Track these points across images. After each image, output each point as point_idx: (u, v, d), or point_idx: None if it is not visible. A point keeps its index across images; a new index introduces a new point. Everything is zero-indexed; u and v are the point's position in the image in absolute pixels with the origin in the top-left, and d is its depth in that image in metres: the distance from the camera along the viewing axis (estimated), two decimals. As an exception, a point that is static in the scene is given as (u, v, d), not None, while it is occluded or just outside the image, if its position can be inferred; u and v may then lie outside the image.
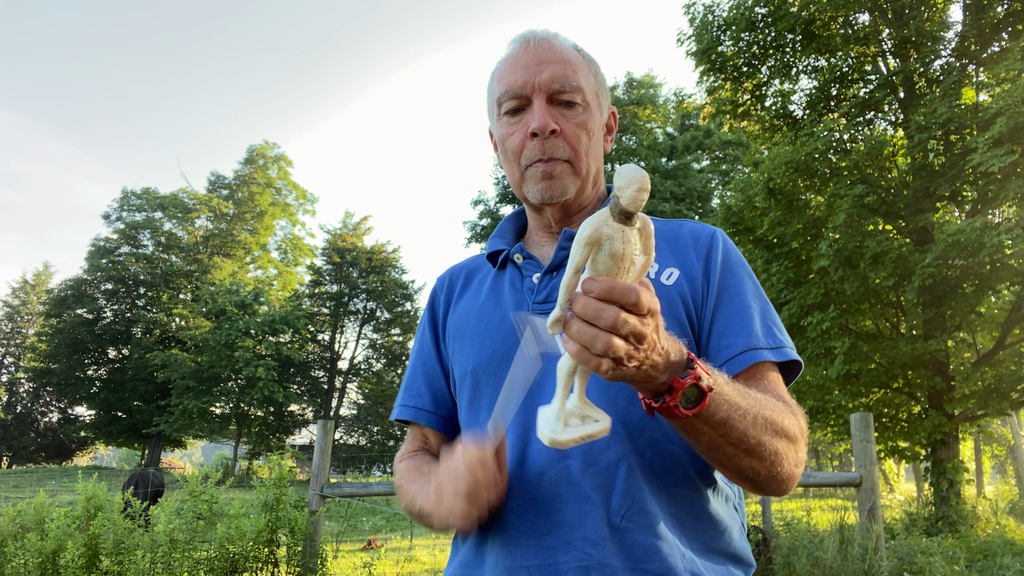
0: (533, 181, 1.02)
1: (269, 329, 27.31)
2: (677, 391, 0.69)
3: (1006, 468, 31.42)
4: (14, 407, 33.92)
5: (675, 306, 0.93)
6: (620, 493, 0.84)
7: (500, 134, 1.06)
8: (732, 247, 1.02)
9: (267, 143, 36.01)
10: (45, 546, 4.20)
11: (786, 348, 0.92)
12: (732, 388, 0.76)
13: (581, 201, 1.06)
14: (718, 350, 0.91)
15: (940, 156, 10.37)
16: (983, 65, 10.16)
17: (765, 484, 0.82)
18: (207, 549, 4.36)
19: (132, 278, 31.83)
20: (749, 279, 0.98)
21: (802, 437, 0.85)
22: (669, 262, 0.98)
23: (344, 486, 4.98)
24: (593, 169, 1.05)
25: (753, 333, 0.91)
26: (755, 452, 0.78)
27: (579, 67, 1.03)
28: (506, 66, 1.04)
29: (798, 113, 12.30)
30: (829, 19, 11.40)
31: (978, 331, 10.88)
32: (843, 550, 4.75)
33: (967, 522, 9.52)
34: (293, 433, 30.73)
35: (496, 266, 1.11)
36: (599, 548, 0.82)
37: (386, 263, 32.80)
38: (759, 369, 0.90)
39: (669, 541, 0.83)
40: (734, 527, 0.91)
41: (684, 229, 1.04)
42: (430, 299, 1.18)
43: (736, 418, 0.75)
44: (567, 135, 1.00)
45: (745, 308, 0.93)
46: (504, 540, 0.87)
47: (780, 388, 0.90)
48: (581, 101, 1.02)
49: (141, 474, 7.25)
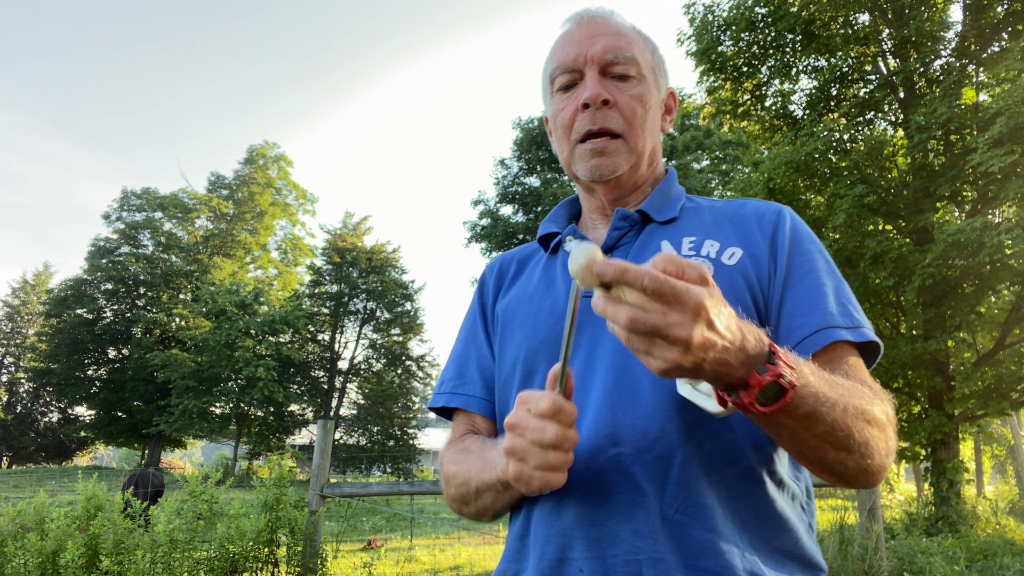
0: (583, 159, 0.98)
1: (269, 329, 27.31)
2: (753, 388, 0.64)
3: (1006, 468, 31.41)
4: (14, 407, 33.91)
5: (738, 286, 0.87)
6: (675, 484, 0.78)
7: (552, 111, 1.02)
8: (801, 224, 0.95)
9: (267, 143, 36.02)
10: (45, 546, 4.20)
11: (864, 328, 0.85)
12: (819, 378, 0.69)
13: (636, 179, 1.01)
14: (789, 330, 0.84)
15: (940, 156, 10.37)
16: (983, 65, 10.15)
17: (853, 477, 0.76)
18: (207, 549, 4.36)
19: (132, 278, 31.82)
20: (820, 256, 0.91)
21: (889, 423, 0.79)
22: (731, 241, 0.92)
23: (344, 486, 4.98)
24: (649, 145, 1.00)
25: (828, 311, 0.84)
26: (843, 444, 0.72)
27: (634, 41, 1.00)
28: (559, 43, 1.01)
29: (798, 113, 12.30)
30: (829, 19, 11.40)
31: (978, 331, 10.88)
32: (843, 550, 4.75)
33: (967, 522, 9.51)
34: (293, 433, 30.73)
35: (548, 251, 1.06)
36: (651, 542, 0.76)
37: (386, 263, 32.79)
38: (836, 350, 0.83)
39: (727, 538, 0.77)
40: (801, 527, 0.83)
41: (747, 207, 0.98)
42: (478, 286, 1.14)
43: (823, 410, 0.68)
44: (621, 106, 0.96)
45: (818, 285, 0.87)
46: (548, 531, 0.82)
47: (861, 371, 0.83)
48: (636, 74, 0.98)
49: (141, 474, 7.25)
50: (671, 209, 0.99)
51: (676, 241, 0.94)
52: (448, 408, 1.05)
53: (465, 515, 0.96)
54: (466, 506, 0.92)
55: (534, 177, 26.28)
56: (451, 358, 1.10)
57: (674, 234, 0.95)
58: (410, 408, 31.94)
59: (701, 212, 0.99)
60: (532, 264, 1.08)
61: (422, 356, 32.97)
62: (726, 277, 0.88)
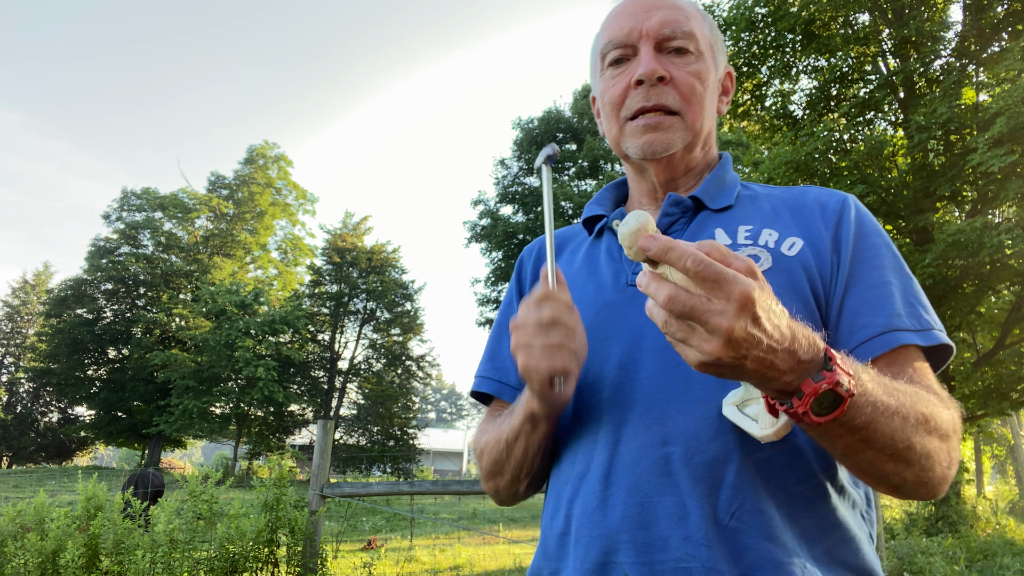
0: (635, 135, 0.91)
1: (269, 329, 27.30)
2: (808, 396, 0.59)
3: (1006, 468, 31.41)
4: (14, 407, 33.90)
5: (797, 279, 0.81)
6: (730, 489, 0.73)
7: (601, 88, 0.96)
8: (867, 215, 0.88)
9: (267, 143, 36.01)
10: (45, 546, 4.20)
11: (934, 331, 0.79)
12: (878, 385, 0.65)
13: (689, 161, 0.95)
14: (851, 331, 0.79)
15: (940, 156, 10.37)
16: (983, 65, 10.15)
17: (912, 490, 0.72)
18: (207, 549, 4.36)
19: (132, 278, 31.81)
20: (888, 250, 0.85)
21: (955, 433, 0.73)
22: (792, 231, 0.86)
23: (344, 486, 4.98)
24: (706, 126, 0.94)
25: (894, 312, 0.78)
26: (902, 456, 0.67)
27: (692, 15, 0.94)
28: (612, 16, 0.96)
29: (798, 113, 12.30)
30: (829, 19, 11.40)
31: (978, 331, 10.89)
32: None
33: (967, 522, 9.52)
34: (293, 433, 30.71)
35: (592, 234, 1.01)
36: (703, 549, 0.71)
37: (386, 263, 32.78)
38: (901, 354, 0.77)
39: (786, 548, 0.71)
40: (862, 537, 0.77)
41: (809, 195, 0.91)
42: (516, 268, 1.09)
43: (882, 420, 0.64)
44: (678, 83, 0.89)
45: (884, 283, 0.80)
46: (592, 532, 0.77)
47: (928, 377, 0.77)
48: (694, 49, 0.91)
49: (141, 474, 7.25)
50: (726, 196, 0.93)
51: (731, 230, 0.89)
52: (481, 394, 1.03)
53: (499, 492, 0.93)
54: (500, 476, 0.90)
55: (534, 177, 26.26)
56: (488, 343, 1.06)
57: (729, 222, 0.90)
58: (410, 408, 31.93)
59: (758, 200, 0.94)
60: (574, 247, 1.03)
61: (422, 356, 32.97)
62: (785, 268, 0.82)
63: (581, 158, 25.65)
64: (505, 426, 0.87)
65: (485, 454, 0.92)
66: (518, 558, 8.17)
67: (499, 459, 0.89)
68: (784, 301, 0.75)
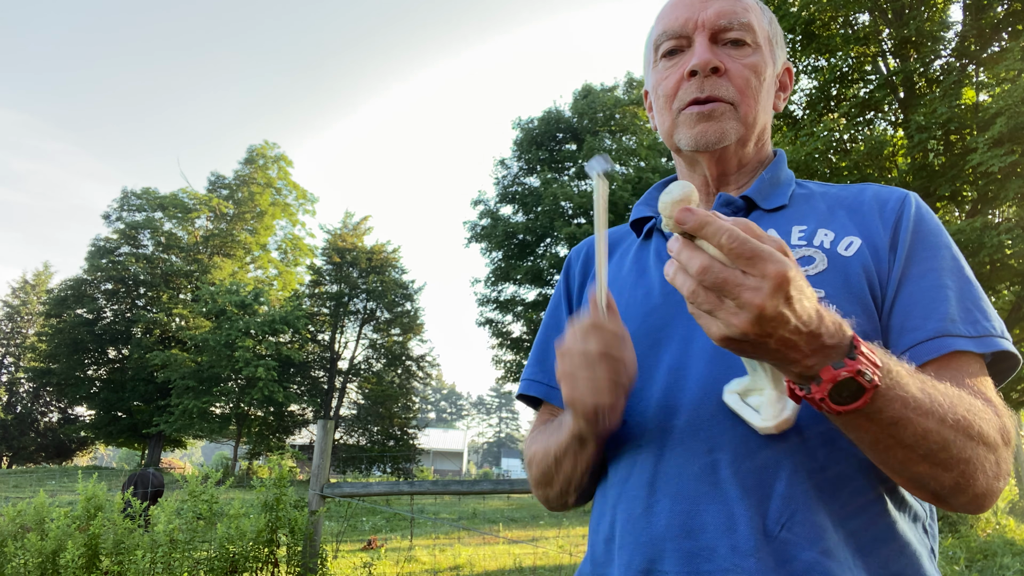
0: (687, 125, 0.89)
1: (269, 329, 27.30)
2: (826, 383, 0.58)
3: (1006, 468, 31.42)
4: (14, 407, 33.91)
5: (855, 281, 0.78)
6: (781, 498, 0.69)
7: (654, 80, 0.93)
8: (928, 213, 0.84)
9: (267, 143, 36.02)
10: (45, 546, 4.20)
11: (994, 337, 0.74)
12: (912, 380, 0.62)
13: (742, 156, 0.92)
14: (901, 333, 0.76)
15: (940, 156, 10.38)
16: (983, 65, 10.16)
17: (951, 497, 0.68)
18: (207, 549, 4.36)
19: (132, 278, 31.82)
20: (947, 251, 0.80)
21: (1006, 443, 0.69)
22: (848, 230, 0.83)
23: (344, 486, 4.98)
24: (760, 121, 0.91)
25: (947, 316, 0.74)
26: (937, 458, 0.63)
27: (750, 6, 0.91)
28: (668, 6, 0.93)
29: (798, 113, 12.31)
30: (829, 19, 11.40)
31: (978, 331, 10.89)
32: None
33: (967, 522, 9.52)
34: (293, 433, 30.71)
35: (640, 236, 0.99)
36: (752, 560, 0.68)
37: (386, 263, 32.78)
38: (955, 360, 0.73)
39: (840, 561, 0.68)
40: (923, 552, 0.73)
41: (867, 193, 0.88)
42: (564, 270, 1.06)
43: (913, 417, 0.61)
44: (733, 75, 0.87)
45: (939, 286, 0.77)
46: (637, 539, 0.75)
47: (982, 384, 0.73)
48: (751, 42, 0.89)
49: (141, 474, 7.24)
50: (780, 196, 0.91)
51: (784, 230, 0.86)
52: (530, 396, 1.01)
53: (550, 500, 0.93)
54: (550, 487, 0.89)
55: (534, 177, 26.27)
56: (535, 344, 1.04)
57: (783, 223, 0.87)
58: (410, 408, 31.94)
59: (813, 199, 0.91)
60: (623, 249, 1.01)
61: (422, 356, 32.98)
62: (842, 269, 0.79)
63: (581, 158, 25.65)
64: (553, 441, 0.86)
65: (534, 465, 0.91)
66: (518, 558, 8.17)
67: (548, 472, 0.87)
68: (841, 303, 0.75)
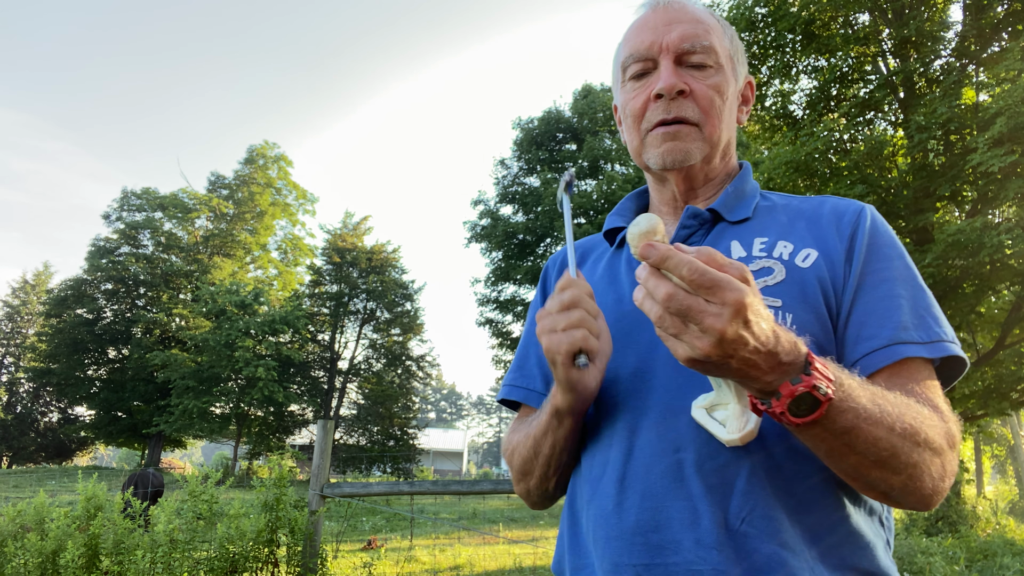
0: (655, 144, 0.93)
1: (269, 329, 27.30)
2: (785, 398, 0.63)
3: (1006, 468, 31.41)
4: (14, 407, 33.90)
5: (811, 291, 0.82)
6: (741, 494, 0.74)
7: (623, 100, 0.98)
8: (883, 225, 0.89)
9: (267, 143, 36.00)
10: (45, 546, 4.19)
11: (945, 342, 0.79)
12: (863, 392, 0.67)
13: (708, 171, 0.97)
14: (857, 342, 0.80)
15: (940, 156, 10.37)
16: (983, 65, 10.15)
17: (901, 498, 0.73)
18: (207, 549, 4.36)
19: (132, 278, 31.81)
20: (900, 260, 0.85)
21: (951, 447, 0.74)
22: (807, 242, 0.87)
23: (344, 486, 4.98)
24: (724, 137, 0.96)
25: (900, 324, 0.78)
26: (887, 464, 0.68)
27: (712, 28, 0.96)
28: (633, 29, 0.98)
29: (798, 113, 12.30)
30: (829, 19, 11.40)
31: (978, 331, 10.89)
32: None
33: (967, 522, 9.52)
34: (293, 433, 30.71)
35: (613, 245, 1.04)
36: (714, 552, 0.73)
37: (386, 263, 32.78)
38: (906, 366, 0.77)
39: (797, 552, 0.72)
40: (878, 543, 0.78)
41: (826, 206, 0.93)
42: (542, 278, 1.12)
43: (865, 427, 0.66)
44: (697, 96, 0.92)
45: (893, 295, 0.81)
46: (608, 534, 0.80)
47: (930, 390, 0.78)
48: (714, 63, 0.93)
49: (141, 474, 7.24)
50: (744, 208, 0.95)
51: (747, 242, 0.90)
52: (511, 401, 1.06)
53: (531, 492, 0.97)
54: (530, 476, 0.93)
55: (534, 177, 26.27)
56: (517, 352, 1.10)
57: (746, 234, 0.92)
58: (410, 408, 31.93)
59: (775, 211, 0.95)
60: (595, 258, 1.06)
61: (422, 356, 32.97)
62: (799, 280, 0.83)
63: (581, 158, 25.64)
64: (534, 424, 0.91)
65: (515, 454, 0.95)
66: (518, 558, 8.17)
67: (528, 457, 0.92)
68: (797, 312, 0.81)
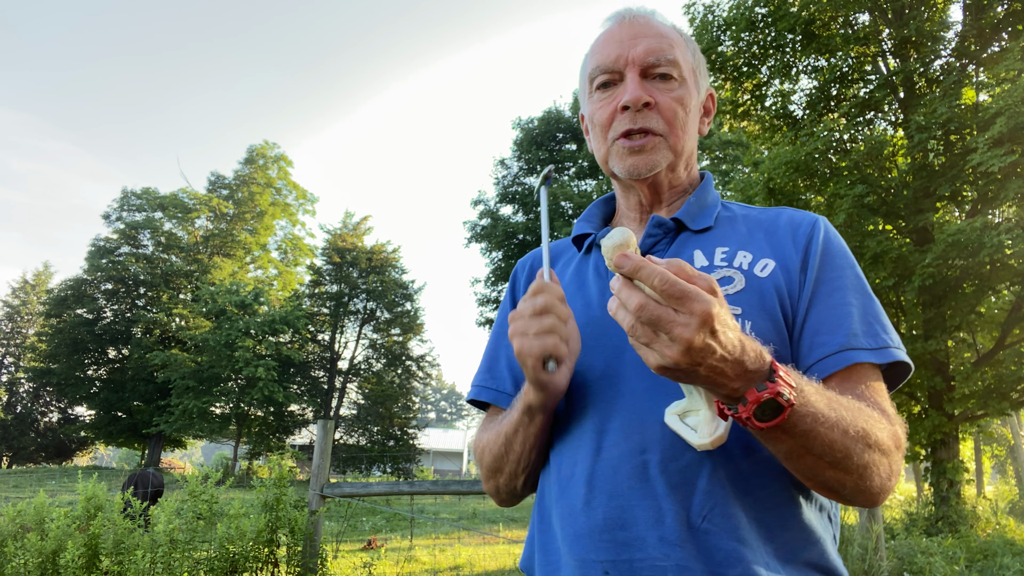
0: (621, 156, 0.97)
1: (269, 329, 27.29)
2: (751, 404, 0.66)
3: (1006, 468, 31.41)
4: (14, 407, 33.90)
5: (769, 300, 0.87)
6: (702, 493, 0.78)
7: (590, 110, 1.02)
8: (835, 237, 0.94)
9: (267, 143, 35.99)
10: (45, 546, 4.19)
11: (891, 348, 0.84)
12: (820, 397, 0.71)
13: (672, 180, 1.01)
14: (811, 348, 0.84)
15: (940, 156, 10.37)
16: (983, 65, 10.15)
17: (851, 496, 0.78)
18: (207, 549, 4.35)
19: (132, 278, 31.80)
20: (851, 271, 0.90)
21: (897, 448, 0.79)
22: (764, 252, 0.92)
23: (344, 486, 4.98)
24: (687, 148, 1.00)
25: (851, 331, 0.83)
26: (840, 464, 0.73)
27: (676, 42, 0.99)
28: (599, 42, 1.01)
29: (798, 113, 12.30)
30: (829, 19, 11.40)
31: (978, 331, 10.88)
32: (843, 550, 4.75)
33: (967, 522, 9.51)
34: (293, 433, 30.70)
35: (581, 250, 1.06)
36: (677, 549, 0.77)
37: (386, 263, 32.77)
38: (856, 371, 0.83)
39: (754, 548, 0.77)
40: (827, 538, 0.84)
41: (782, 217, 0.97)
42: (511, 281, 1.15)
43: (821, 430, 0.70)
44: (662, 108, 0.95)
45: (843, 304, 0.86)
46: (576, 532, 0.83)
47: (878, 393, 0.83)
48: (677, 76, 0.97)
49: (141, 474, 7.24)
50: (706, 218, 0.99)
51: (709, 251, 0.94)
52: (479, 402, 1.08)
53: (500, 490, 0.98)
54: (500, 473, 0.96)
55: (534, 177, 26.27)
56: (484, 353, 1.12)
57: (707, 244, 0.95)
58: (410, 408, 31.92)
59: (736, 221, 0.99)
60: (564, 262, 1.08)
61: (422, 356, 32.95)
62: (757, 289, 0.87)
63: (581, 158, 25.65)
64: (505, 422, 0.93)
65: (486, 452, 0.97)
66: (518, 558, 8.16)
67: (499, 454, 0.94)
68: (755, 320, 0.85)
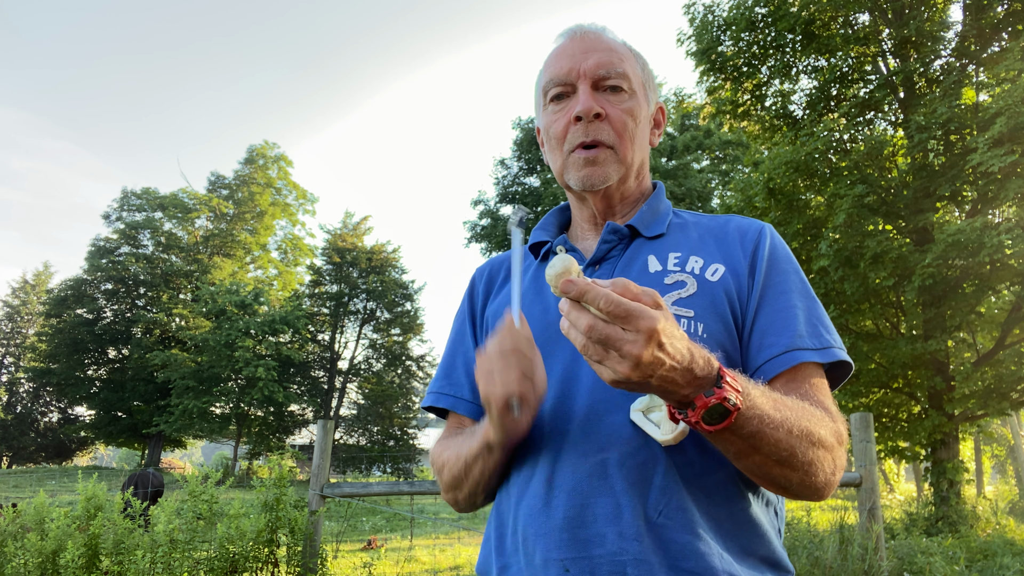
0: (575, 168, 1.00)
1: (269, 329, 27.30)
2: (700, 408, 0.69)
3: (1006, 468, 31.41)
4: (14, 407, 33.91)
5: (720, 303, 0.91)
6: (658, 489, 0.81)
7: (545, 122, 1.05)
8: (780, 243, 0.99)
9: (267, 143, 36.01)
10: (45, 546, 4.19)
11: (833, 348, 0.89)
12: (766, 399, 0.74)
13: (624, 191, 1.05)
14: (759, 349, 0.89)
15: (940, 156, 10.37)
16: (983, 65, 10.15)
17: (798, 492, 0.81)
18: (207, 549, 4.35)
19: (132, 278, 31.81)
20: (796, 276, 0.95)
21: (839, 444, 0.83)
22: (715, 257, 0.96)
23: (344, 486, 4.98)
24: (638, 159, 1.03)
25: (796, 333, 0.88)
26: (787, 462, 0.76)
27: (626, 56, 1.03)
28: (553, 56, 1.04)
29: (798, 113, 12.30)
30: (829, 19, 11.39)
31: (978, 331, 10.88)
32: (843, 550, 4.75)
33: (967, 522, 9.51)
34: (293, 433, 30.72)
35: (538, 258, 1.09)
36: (636, 544, 0.79)
37: (386, 263, 32.78)
38: (801, 371, 0.87)
39: (707, 541, 0.80)
40: (772, 532, 0.88)
41: (731, 224, 1.01)
42: (468, 289, 1.17)
43: (767, 431, 0.73)
44: (612, 119, 0.99)
45: (789, 306, 0.90)
46: (537, 531, 0.85)
47: (821, 392, 0.87)
48: (627, 88, 1.01)
49: (141, 474, 7.24)
50: (659, 225, 1.03)
51: (662, 256, 0.98)
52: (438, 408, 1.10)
53: (459, 502, 1.00)
54: (459, 490, 0.97)
55: (534, 177, 26.27)
56: (442, 360, 1.14)
57: (660, 249, 0.99)
58: (410, 408, 31.92)
59: (687, 228, 1.04)
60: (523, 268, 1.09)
61: (422, 356, 32.97)
62: (709, 293, 0.91)
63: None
64: (465, 447, 0.94)
65: (445, 470, 0.99)
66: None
67: (458, 476, 0.95)
68: (707, 323, 0.89)
